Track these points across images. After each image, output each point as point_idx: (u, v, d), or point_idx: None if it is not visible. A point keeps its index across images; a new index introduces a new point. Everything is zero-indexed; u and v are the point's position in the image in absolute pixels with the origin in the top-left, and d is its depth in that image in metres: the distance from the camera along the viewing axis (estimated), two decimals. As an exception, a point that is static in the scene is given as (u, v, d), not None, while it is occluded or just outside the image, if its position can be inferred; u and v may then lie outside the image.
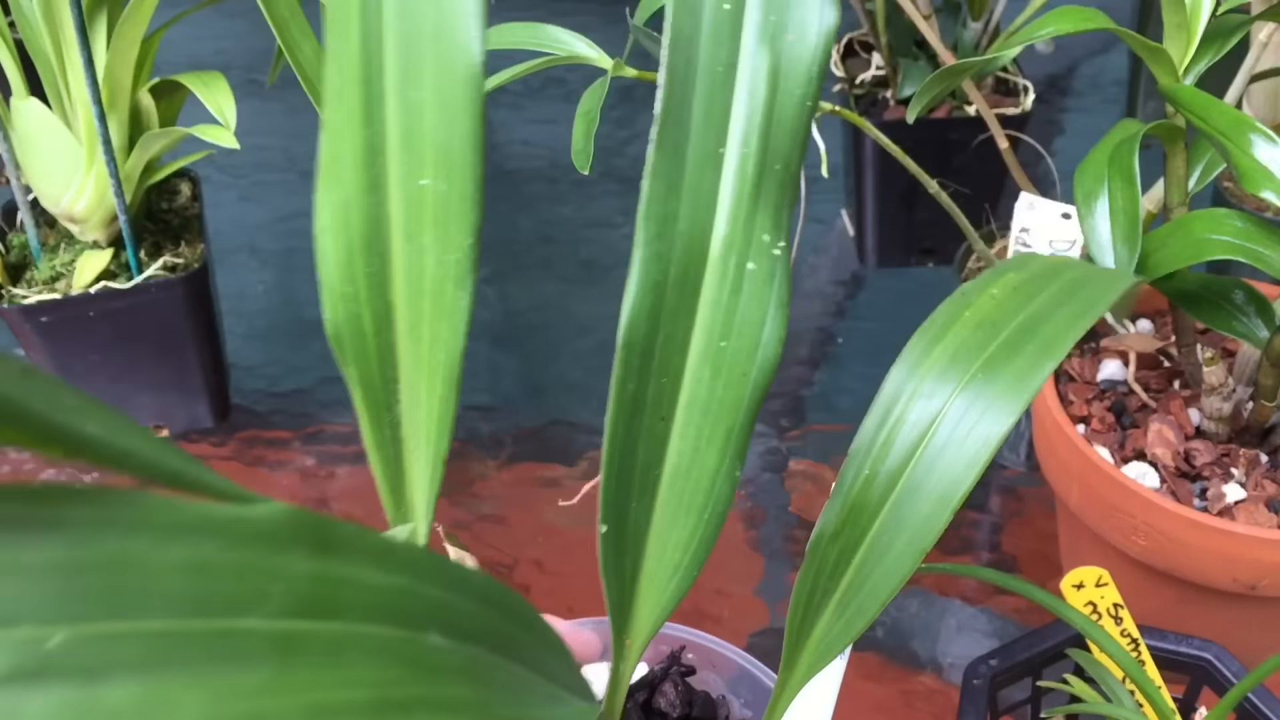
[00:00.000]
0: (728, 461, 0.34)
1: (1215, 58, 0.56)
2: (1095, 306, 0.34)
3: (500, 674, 0.26)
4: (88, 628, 0.18)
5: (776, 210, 0.34)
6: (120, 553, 0.20)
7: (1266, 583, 0.54)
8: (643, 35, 0.69)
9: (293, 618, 0.21)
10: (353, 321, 0.34)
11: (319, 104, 0.63)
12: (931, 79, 0.58)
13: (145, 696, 0.18)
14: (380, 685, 0.22)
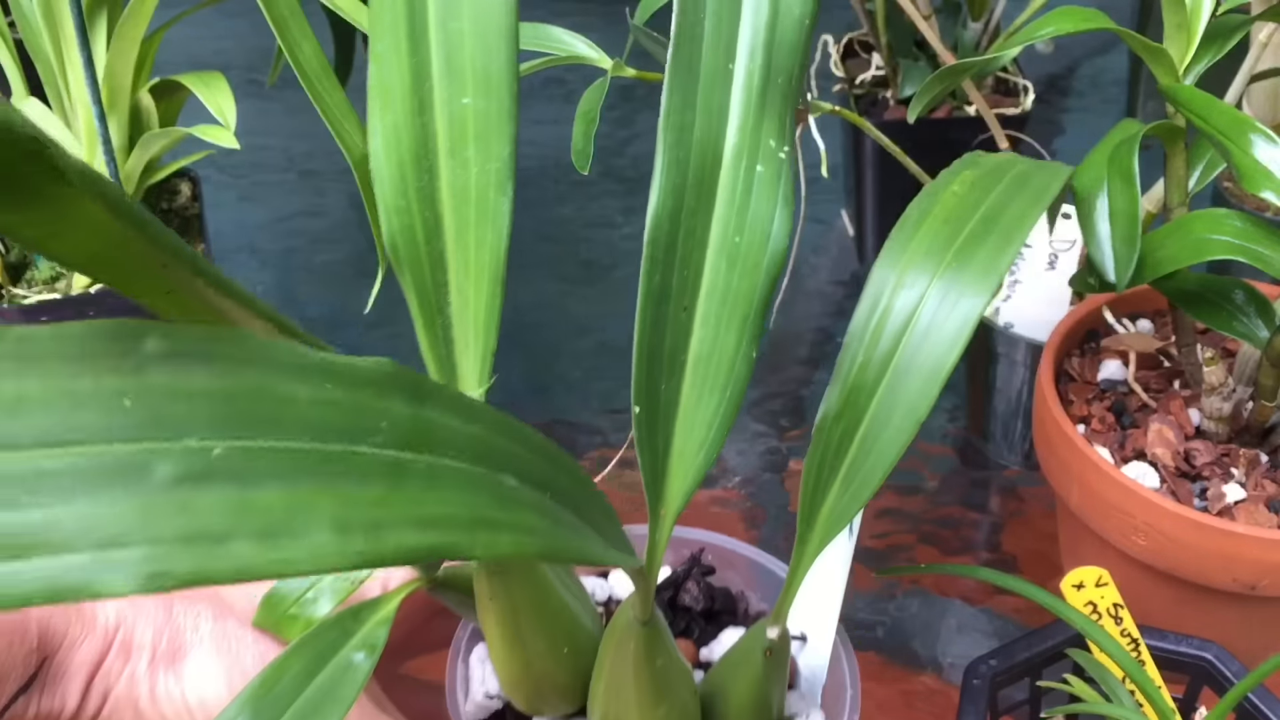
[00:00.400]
0: (745, 344, 0.37)
1: (1215, 58, 0.56)
2: (1045, 195, 0.39)
3: (563, 516, 0.30)
4: (240, 443, 0.22)
5: (780, 118, 0.37)
6: (261, 385, 0.23)
7: (1266, 582, 0.54)
8: (643, 35, 0.69)
9: (398, 449, 0.25)
10: (407, 233, 0.38)
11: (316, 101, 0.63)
12: (931, 79, 0.58)
13: (289, 499, 0.22)
14: (471, 508, 0.26)
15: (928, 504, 0.78)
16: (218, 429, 0.22)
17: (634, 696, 0.41)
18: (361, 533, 0.23)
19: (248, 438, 0.22)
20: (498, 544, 0.26)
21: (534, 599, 0.40)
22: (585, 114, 0.65)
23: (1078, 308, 0.68)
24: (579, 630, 0.43)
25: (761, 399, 0.86)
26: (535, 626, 0.41)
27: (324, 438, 0.24)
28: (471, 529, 0.25)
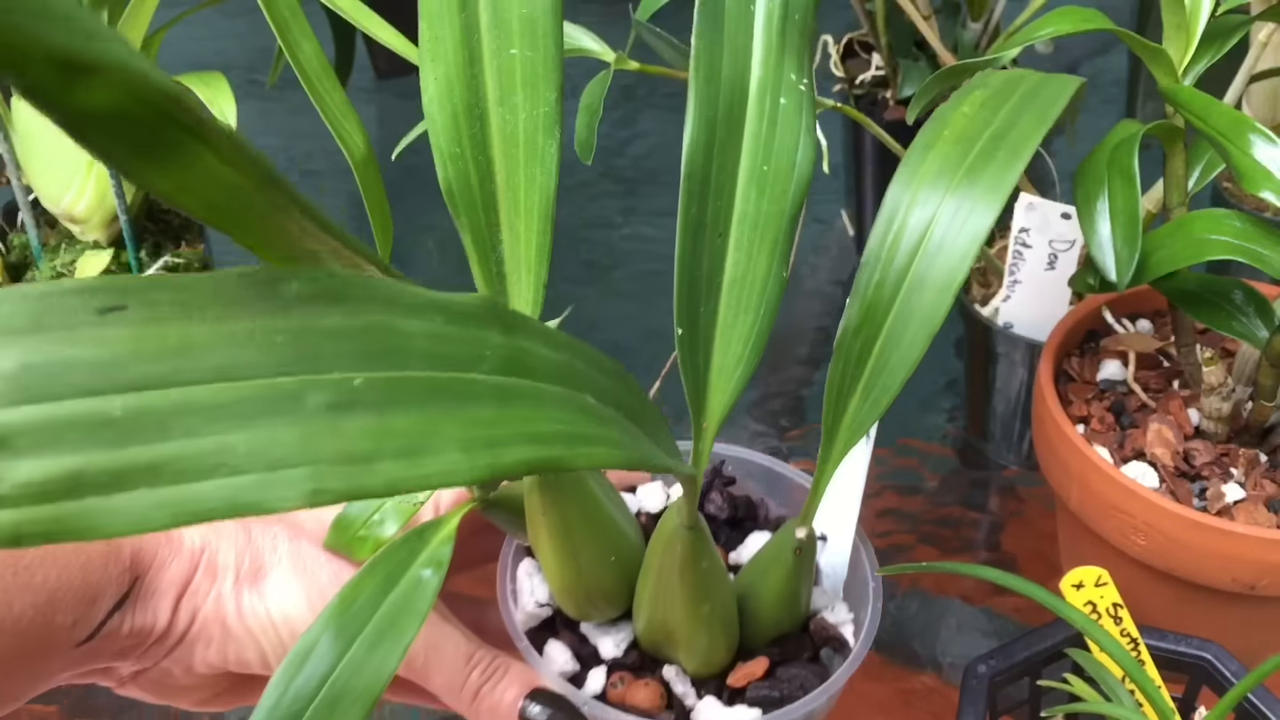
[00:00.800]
0: (775, 265, 0.40)
1: (1214, 58, 0.56)
2: (1052, 109, 0.41)
3: (634, 431, 0.33)
4: (374, 374, 0.25)
5: (799, 53, 0.40)
6: (386, 322, 0.26)
7: (1266, 582, 0.54)
8: (645, 31, 0.69)
9: (501, 374, 0.28)
10: (461, 178, 0.41)
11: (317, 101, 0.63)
12: (931, 79, 0.58)
13: (420, 423, 0.25)
14: (568, 424, 0.29)
15: (928, 504, 0.78)
16: (355, 362, 0.25)
17: (680, 597, 0.44)
18: (484, 450, 0.26)
19: (380, 369, 0.25)
20: (594, 456, 0.29)
21: (583, 512, 0.44)
22: (588, 106, 0.65)
23: (1077, 308, 0.68)
24: (624, 540, 0.46)
25: (761, 399, 0.86)
26: (585, 538, 0.44)
27: (440, 366, 0.26)
28: (572, 443, 0.28)
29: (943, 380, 0.87)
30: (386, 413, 0.25)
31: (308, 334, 0.25)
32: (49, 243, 0.82)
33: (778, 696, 0.46)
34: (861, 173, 0.94)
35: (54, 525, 0.21)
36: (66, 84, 0.21)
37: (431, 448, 0.25)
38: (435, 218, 1.04)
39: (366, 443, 0.24)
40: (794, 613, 0.48)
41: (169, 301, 0.24)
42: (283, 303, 0.25)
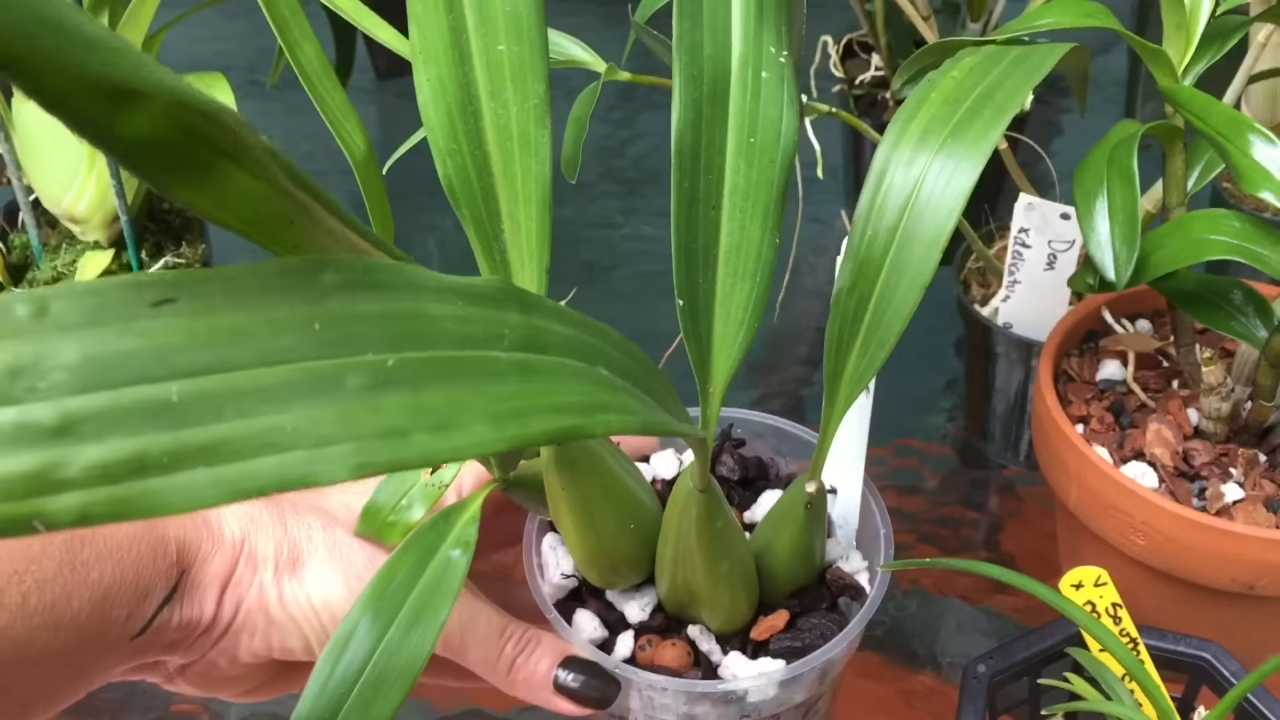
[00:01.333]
0: (768, 233, 0.41)
1: (1214, 58, 0.56)
2: (1038, 71, 0.43)
3: (645, 400, 0.34)
4: (406, 354, 0.27)
5: (777, 27, 0.41)
6: (414, 307, 0.28)
7: (1265, 582, 0.54)
8: (644, 34, 0.69)
9: (521, 351, 0.30)
10: (460, 172, 0.42)
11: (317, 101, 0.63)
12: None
13: (449, 398, 0.27)
14: (585, 394, 0.30)
15: (927, 504, 0.78)
16: (388, 344, 0.27)
17: (699, 558, 0.46)
18: (511, 421, 0.27)
19: (410, 350, 0.27)
20: (610, 422, 0.30)
21: (601, 485, 0.45)
22: (576, 120, 0.66)
23: (1077, 308, 0.68)
24: (641, 508, 0.48)
25: (761, 399, 0.86)
26: (604, 509, 0.46)
27: (465, 346, 0.28)
28: (590, 412, 0.30)
29: (943, 380, 0.87)
30: (419, 390, 0.26)
31: (343, 319, 0.26)
32: (50, 243, 0.82)
33: (799, 646, 0.48)
34: (861, 174, 0.94)
35: (119, 505, 0.22)
36: (112, 113, 0.22)
37: (461, 421, 0.26)
38: (436, 217, 1.04)
39: (402, 418, 0.25)
40: (810, 565, 0.50)
41: (217, 293, 0.25)
42: (320, 291, 0.26)
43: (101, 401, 0.23)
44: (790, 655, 0.48)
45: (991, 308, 0.76)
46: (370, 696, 0.36)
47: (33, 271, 0.80)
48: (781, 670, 0.48)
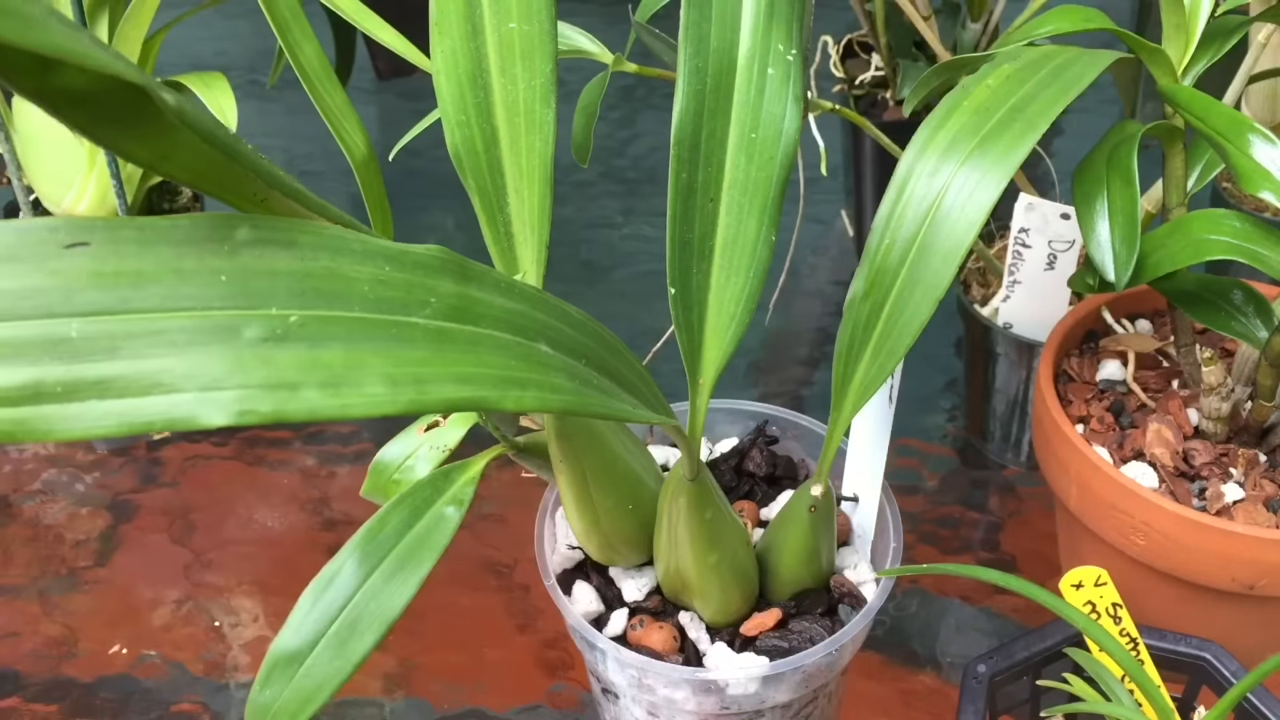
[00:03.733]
0: (764, 229, 0.42)
1: (1214, 58, 0.56)
2: (1076, 85, 0.42)
3: (594, 381, 0.35)
4: (312, 312, 0.28)
5: (789, 24, 0.41)
6: (331, 266, 0.29)
7: (1265, 582, 0.54)
8: (645, 32, 0.69)
9: (443, 320, 0.30)
10: (468, 143, 0.43)
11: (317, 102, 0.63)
12: (930, 72, 0.58)
13: (348, 358, 0.28)
14: (504, 369, 0.31)
15: (927, 504, 0.78)
16: (294, 301, 0.28)
17: (687, 546, 0.47)
18: (409, 386, 0.28)
19: (318, 308, 0.28)
20: (524, 399, 0.31)
21: (600, 461, 0.46)
22: (585, 108, 0.66)
23: (1076, 308, 0.68)
24: (643, 489, 0.48)
25: (761, 399, 0.86)
26: (601, 485, 0.47)
27: (381, 310, 0.29)
28: (502, 385, 0.30)
29: (943, 380, 0.87)
30: (318, 347, 0.28)
31: (251, 273, 0.28)
32: (50, 243, 0.82)
33: (785, 647, 0.49)
34: (861, 173, 0.94)
35: (15, 427, 0.24)
36: (45, 71, 0.24)
37: (356, 381, 0.28)
38: (435, 217, 1.04)
39: (294, 372, 0.27)
40: (814, 569, 0.50)
41: (129, 240, 0.27)
42: (232, 245, 0.28)
43: (4, 332, 0.25)
44: (774, 654, 0.49)
45: (991, 308, 0.76)
46: (345, 636, 0.37)
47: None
48: (763, 667, 0.48)
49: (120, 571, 0.76)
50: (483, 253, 0.48)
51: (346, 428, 0.86)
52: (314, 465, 0.82)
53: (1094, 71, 0.43)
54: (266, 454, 0.84)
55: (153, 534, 0.78)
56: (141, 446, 0.85)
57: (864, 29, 0.94)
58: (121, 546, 0.78)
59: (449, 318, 0.31)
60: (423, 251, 0.31)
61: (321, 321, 0.28)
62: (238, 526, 0.78)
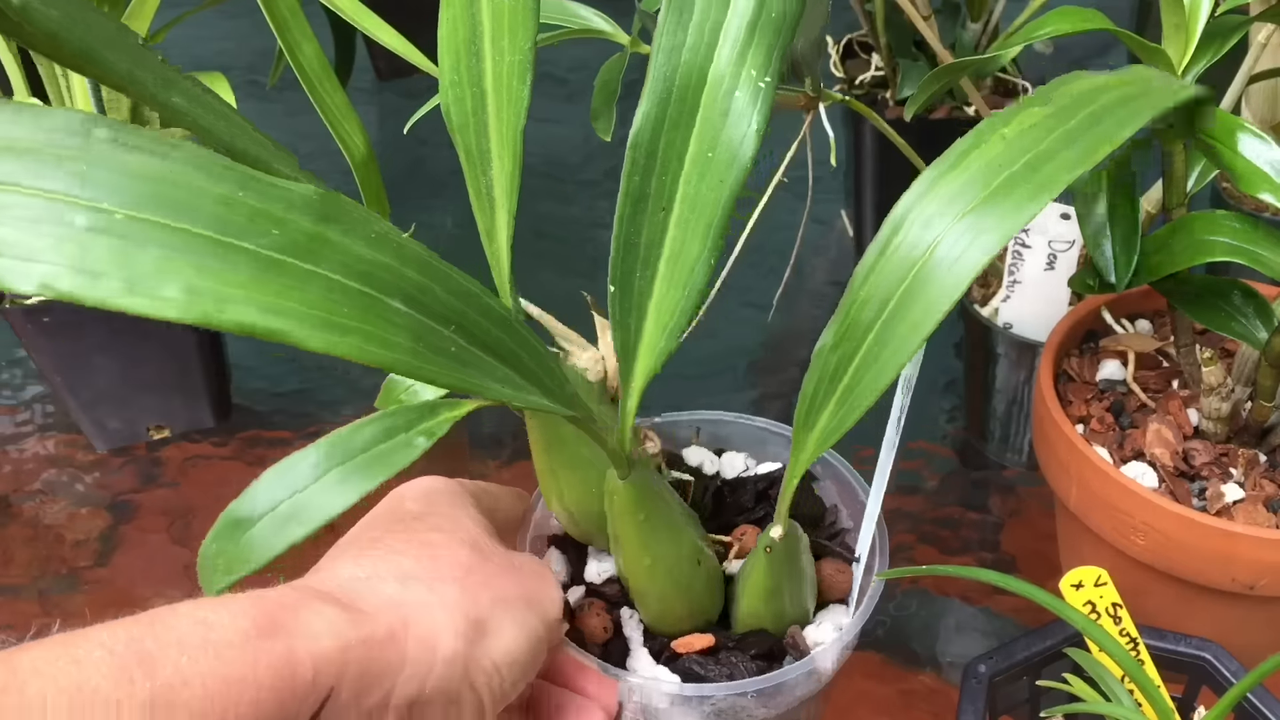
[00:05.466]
0: (706, 251, 0.41)
1: (1214, 58, 0.56)
2: (1104, 145, 0.38)
3: (455, 350, 0.35)
4: (143, 215, 0.30)
5: (768, 50, 0.40)
6: (178, 177, 0.31)
7: (1265, 582, 0.54)
8: (650, 21, 0.69)
9: (279, 251, 0.31)
10: (459, 103, 0.44)
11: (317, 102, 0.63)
12: (930, 76, 0.58)
13: (160, 262, 0.29)
14: (328, 311, 0.32)
15: (927, 504, 0.78)
16: (129, 201, 0.30)
17: (623, 545, 0.48)
18: (208, 300, 0.30)
19: (150, 213, 0.30)
20: (336, 344, 0.32)
21: (556, 436, 0.47)
22: (604, 84, 0.65)
23: (1077, 308, 0.68)
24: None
25: (761, 399, 0.86)
26: (562, 462, 0.48)
27: (215, 228, 0.31)
28: (314, 325, 0.31)
29: (943, 380, 0.87)
30: (135, 246, 0.29)
31: (97, 167, 0.30)
32: (50, 243, 0.82)
33: (700, 674, 0.49)
34: (861, 173, 0.94)
35: None
36: None
37: (157, 284, 0.29)
38: (436, 217, 1.04)
39: (104, 264, 0.29)
40: (773, 610, 0.50)
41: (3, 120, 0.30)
42: (89, 140, 0.30)
43: None
44: (688, 677, 0.49)
45: (991, 308, 0.76)
46: (286, 519, 0.39)
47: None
48: (672, 686, 0.48)
49: (120, 571, 0.76)
50: (482, 253, 0.48)
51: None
52: (314, 465, 0.82)
53: (1131, 126, 0.39)
54: (267, 454, 0.84)
55: (153, 534, 0.78)
56: (142, 446, 0.85)
57: (864, 29, 0.94)
58: (121, 546, 0.78)
59: (287, 251, 0.31)
60: (291, 187, 0.32)
61: (148, 225, 0.30)
62: (238, 526, 0.78)
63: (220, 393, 0.86)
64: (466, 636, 0.39)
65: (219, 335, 0.85)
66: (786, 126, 1.12)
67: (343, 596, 0.37)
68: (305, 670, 0.34)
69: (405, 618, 0.38)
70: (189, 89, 0.37)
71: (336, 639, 0.35)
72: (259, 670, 0.32)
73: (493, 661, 0.40)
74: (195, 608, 0.33)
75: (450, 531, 0.42)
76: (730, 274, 0.62)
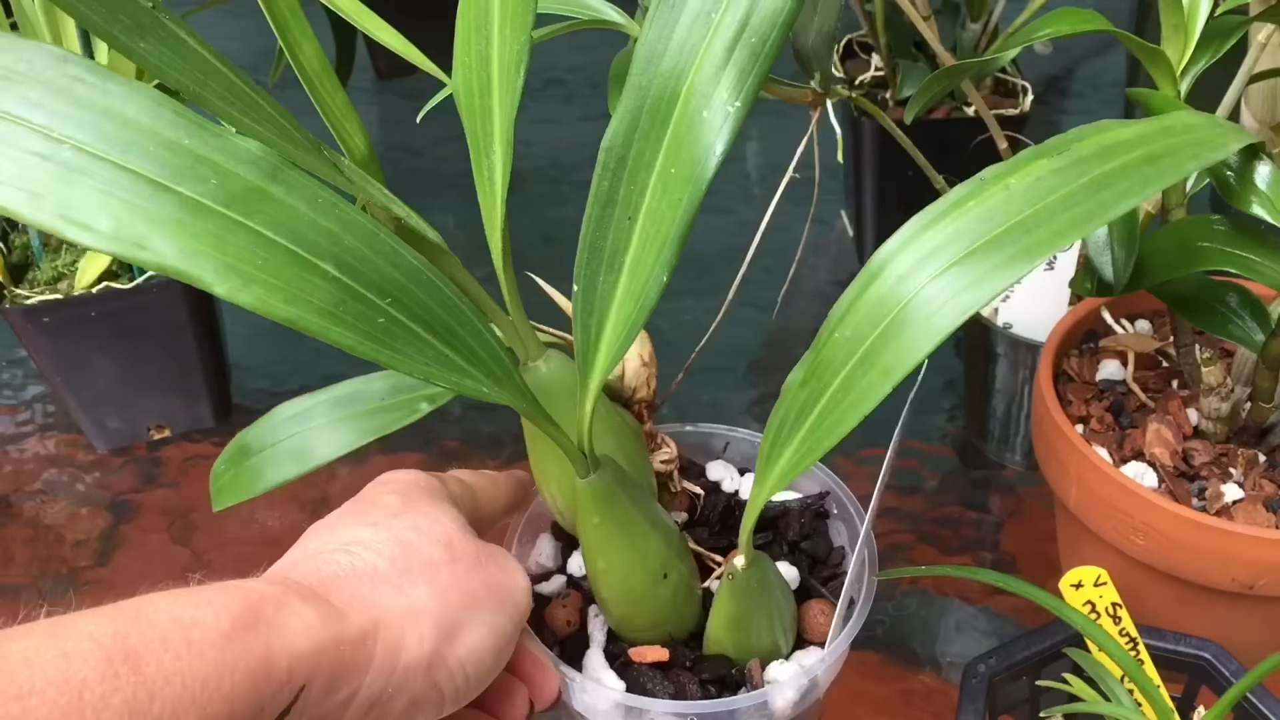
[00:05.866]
0: (659, 265, 0.41)
1: (1213, 59, 0.56)
2: (1108, 209, 0.37)
3: (382, 319, 0.37)
4: (90, 149, 0.32)
5: (742, 75, 0.39)
6: (131, 120, 0.33)
7: (1265, 582, 0.54)
8: None
9: (211, 200, 0.33)
10: (466, 84, 0.44)
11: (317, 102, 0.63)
12: (930, 79, 0.58)
13: (96, 196, 0.32)
14: (245, 261, 0.34)
15: (927, 504, 0.78)
16: (79, 134, 0.32)
17: (583, 545, 0.48)
18: (132, 236, 0.32)
19: (98, 147, 0.32)
20: (241, 294, 0.33)
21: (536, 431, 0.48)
22: (617, 76, 0.65)
23: (1076, 308, 0.68)
24: None
25: (761, 398, 0.86)
26: (547, 453, 0.49)
27: (156, 171, 0.33)
28: (225, 272, 0.33)
29: (942, 380, 0.87)
30: (77, 175, 0.32)
31: (56, 98, 0.32)
32: (50, 243, 0.82)
33: (645, 686, 0.49)
34: (861, 174, 0.94)
35: None
36: None
37: (88, 214, 0.32)
38: (436, 217, 1.03)
39: (43, 187, 0.31)
40: (736, 639, 0.49)
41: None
42: (59, 74, 0.33)
43: None
44: (631, 687, 0.49)
45: (991, 308, 0.76)
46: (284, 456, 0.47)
47: (33, 271, 0.80)
48: (614, 692, 0.48)
49: (120, 571, 0.76)
50: (484, 250, 0.48)
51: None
52: (314, 465, 0.82)
53: (1148, 190, 0.37)
54: (267, 454, 0.84)
55: (153, 534, 0.79)
56: (142, 446, 0.85)
57: (864, 29, 0.94)
58: (121, 546, 0.78)
59: (219, 201, 0.33)
60: (240, 142, 0.34)
61: (93, 158, 0.32)
62: (238, 526, 0.78)
63: (220, 393, 0.86)
64: (432, 641, 0.40)
65: (219, 335, 0.85)
66: (790, 125, 1.13)
67: (320, 590, 0.39)
68: (281, 669, 0.35)
69: (376, 620, 0.39)
70: (166, 36, 0.37)
71: (312, 640, 0.36)
72: (237, 670, 0.33)
73: (458, 660, 0.41)
74: (178, 604, 0.34)
75: (426, 530, 0.43)
76: (730, 273, 0.62)
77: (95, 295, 0.77)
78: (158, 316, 0.79)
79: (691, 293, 0.96)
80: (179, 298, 0.79)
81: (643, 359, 0.56)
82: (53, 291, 0.78)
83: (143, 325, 0.79)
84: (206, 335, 0.82)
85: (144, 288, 0.78)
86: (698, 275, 0.80)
